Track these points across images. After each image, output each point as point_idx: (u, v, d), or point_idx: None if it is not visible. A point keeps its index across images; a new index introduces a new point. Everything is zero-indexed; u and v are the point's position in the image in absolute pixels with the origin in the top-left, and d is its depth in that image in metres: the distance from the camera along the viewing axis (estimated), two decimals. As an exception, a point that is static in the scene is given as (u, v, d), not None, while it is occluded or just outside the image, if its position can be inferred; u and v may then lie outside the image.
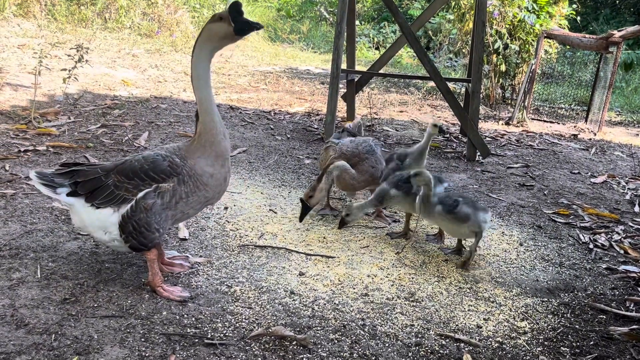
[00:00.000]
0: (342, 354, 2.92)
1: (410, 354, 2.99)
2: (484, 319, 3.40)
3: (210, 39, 3.17)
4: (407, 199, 4.21)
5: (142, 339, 2.87)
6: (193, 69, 3.24)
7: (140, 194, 3.18)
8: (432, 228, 4.68)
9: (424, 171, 4.07)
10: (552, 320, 3.49)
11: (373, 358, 2.92)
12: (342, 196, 5.30)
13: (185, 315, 3.11)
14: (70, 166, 3.37)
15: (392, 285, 3.69)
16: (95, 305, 3.12)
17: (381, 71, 8.45)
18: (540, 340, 3.25)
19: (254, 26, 3.11)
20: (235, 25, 3.08)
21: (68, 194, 3.28)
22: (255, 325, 3.09)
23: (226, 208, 4.68)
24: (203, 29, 3.19)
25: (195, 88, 3.25)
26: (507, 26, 10.58)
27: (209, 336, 2.94)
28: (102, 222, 3.23)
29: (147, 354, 2.75)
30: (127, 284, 3.37)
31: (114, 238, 3.25)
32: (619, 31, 9.51)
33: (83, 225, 3.35)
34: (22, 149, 5.41)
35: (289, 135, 7.33)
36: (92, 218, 3.25)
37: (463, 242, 4.30)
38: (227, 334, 2.98)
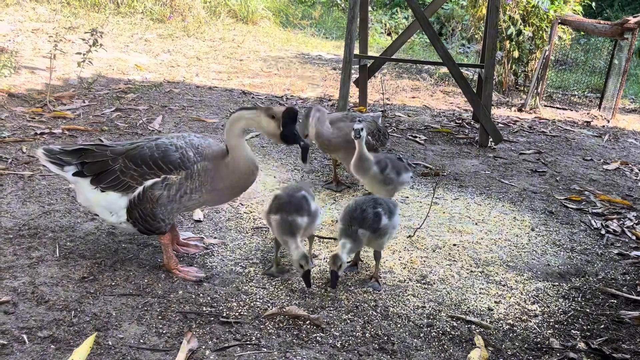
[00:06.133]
0: (354, 333, 2.97)
1: (422, 335, 3.03)
2: (495, 302, 3.44)
3: (253, 125, 3.25)
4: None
5: (159, 317, 2.93)
6: (229, 131, 3.26)
7: (148, 183, 3.19)
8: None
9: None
10: (563, 303, 3.51)
11: (385, 338, 2.96)
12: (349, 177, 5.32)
13: (201, 295, 3.17)
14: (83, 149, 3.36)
15: (404, 268, 3.73)
16: (113, 283, 3.18)
17: (393, 57, 8.43)
18: (550, 323, 3.28)
19: (298, 141, 3.19)
20: (284, 131, 3.15)
21: (74, 174, 3.27)
22: (269, 304, 3.14)
23: (240, 191, 4.72)
24: (248, 111, 3.24)
25: (227, 138, 3.29)
26: (521, 12, 10.49)
27: (224, 315, 3.00)
28: (109, 204, 3.25)
29: (164, 331, 2.82)
30: (143, 264, 3.43)
31: (121, 220, 3.28)
32: (634, 17, 9.41)
33: (89, 205, 3.37)
34: (38, 132, 5.48)
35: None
36: (98, 199, 3.26)
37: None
38: (242, 313, 3.04)
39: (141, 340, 2.74)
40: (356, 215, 3.34)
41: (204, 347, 2.74)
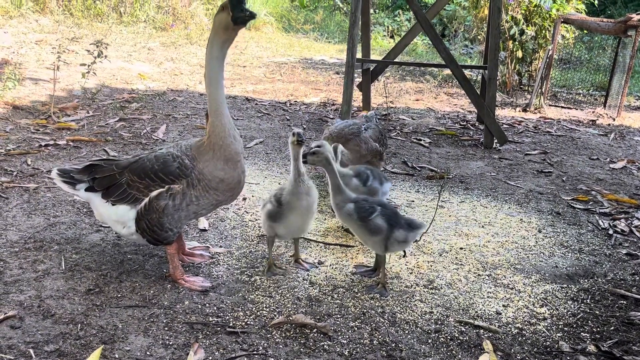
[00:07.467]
0: (362, 340, 2.95)
1: (430, 341, 3.01)
2: (503, 306, 3.41)
3: (217, 31, 3.10)
4: None
5: (166, 328, 2.92)
6: (206, 65, 3.17)
7: (153, 194, 3.21)
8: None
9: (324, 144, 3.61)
10: (572, 306, 3.48)
11: (393, 345, 2.94)
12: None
13: (207, 305, 3.16)
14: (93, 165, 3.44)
15: (410, 273, 3.71)
16: (119, 295, 3.18)
17: (396, 60, 8.42)
18: (560, 326, 3.25)
19: (249, 16, 3.02)
20: (233, 14, 2.99)
21: (86, 189, 3.38)
22: (276, 313, 3.13)
23: (245, 199, 4.72)
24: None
25: (207, 85, 3.19)
26: (523, 12, 10.46)
27: (231, 324, 2.99)
28: (120, 217, 3.30)
29: (170, 343, 2.81)
30: (149, 275, 3.42)
31: (132, 232, 3.31)
32: (637, 14, 9.36)
33: (102, 219, 3.45)
34: (42, 144, 5.50)
35: (305, 126, 7.34)
36: (109, 213, 3.33)
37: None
38: (248, 322, 3.02)
39: (148, 352, 2.73)
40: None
41: (210, 357, 2.73)
